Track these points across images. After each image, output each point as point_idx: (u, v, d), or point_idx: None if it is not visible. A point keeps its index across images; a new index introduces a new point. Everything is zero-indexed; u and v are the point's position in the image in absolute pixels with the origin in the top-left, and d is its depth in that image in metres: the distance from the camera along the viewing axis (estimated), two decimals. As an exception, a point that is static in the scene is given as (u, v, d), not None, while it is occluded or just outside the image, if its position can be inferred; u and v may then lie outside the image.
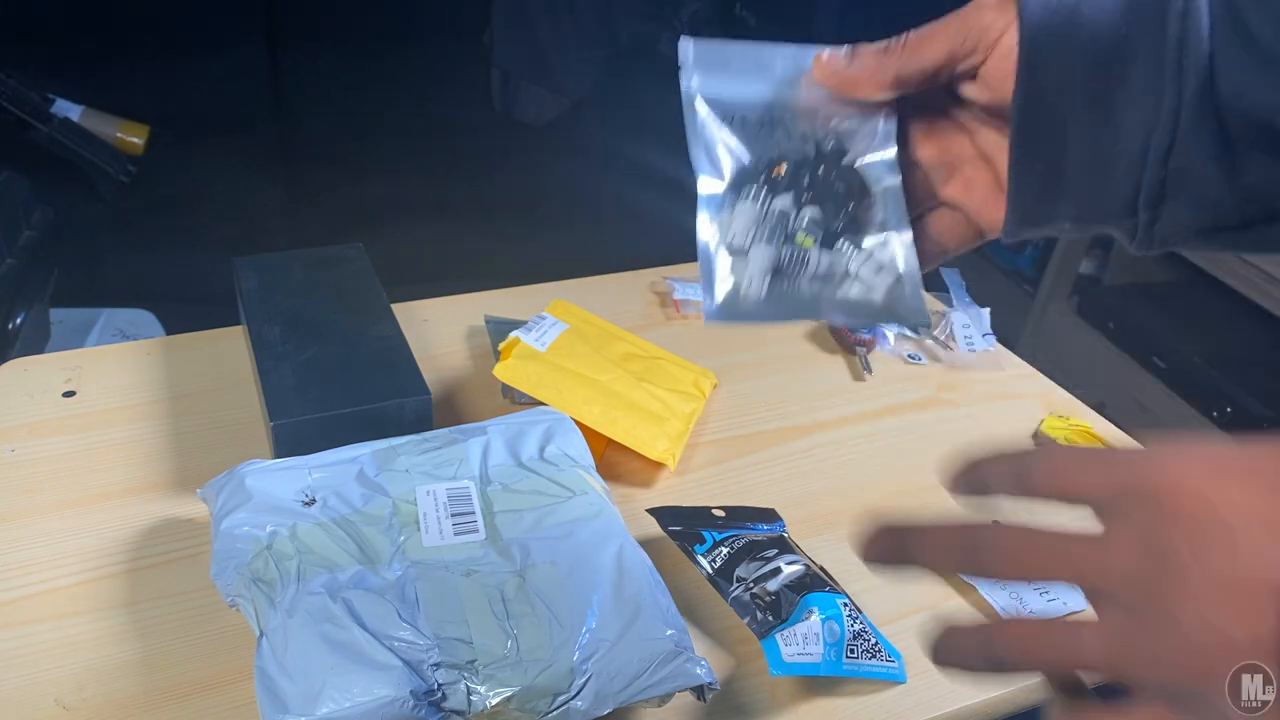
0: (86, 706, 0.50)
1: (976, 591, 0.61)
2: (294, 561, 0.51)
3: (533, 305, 0.85)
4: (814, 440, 0.75)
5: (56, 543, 0.60)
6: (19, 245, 1.31)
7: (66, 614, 0.56)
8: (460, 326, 0.85)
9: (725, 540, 0.60)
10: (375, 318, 0.72)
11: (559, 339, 0.74)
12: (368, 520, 0.54)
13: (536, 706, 0.48)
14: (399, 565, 0.52)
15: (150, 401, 0.73)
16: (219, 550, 0.53)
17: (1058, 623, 0.30)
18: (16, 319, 1.26)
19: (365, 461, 0.58)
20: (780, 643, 0.53)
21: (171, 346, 0.80)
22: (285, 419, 0.62)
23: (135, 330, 1.58)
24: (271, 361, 0.66)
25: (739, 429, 0.76)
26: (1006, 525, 0.33)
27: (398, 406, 0.64)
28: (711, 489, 0.69)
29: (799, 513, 0.67)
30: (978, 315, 0.89)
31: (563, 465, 0.60)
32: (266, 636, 0.48)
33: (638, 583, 0.52)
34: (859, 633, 0.55)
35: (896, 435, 0.76)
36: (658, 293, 0.93)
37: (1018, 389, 0.83)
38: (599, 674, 0.48)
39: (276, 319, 0.71)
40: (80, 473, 0.66)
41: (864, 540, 0.35)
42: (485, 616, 0.50)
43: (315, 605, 0.49)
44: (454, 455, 0.59)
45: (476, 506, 0.56)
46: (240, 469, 0.57)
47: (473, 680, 0.47)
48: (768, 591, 0.56)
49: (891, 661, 0.55)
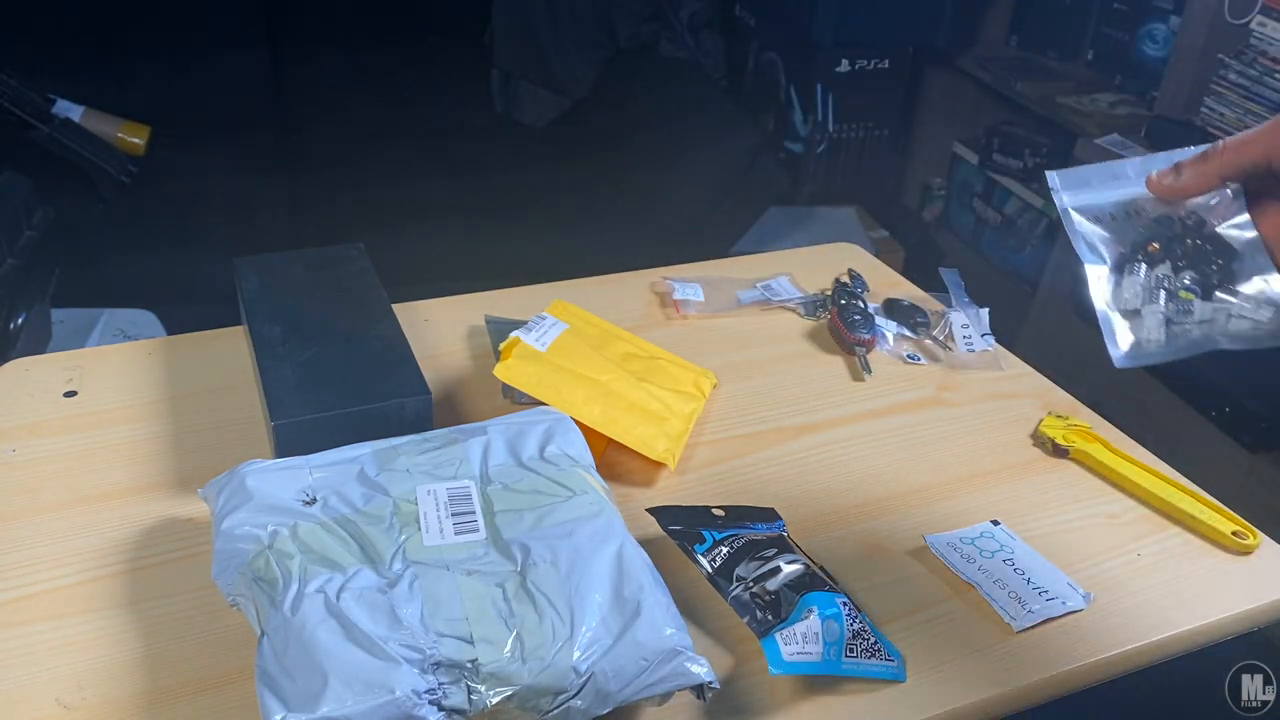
0: (87, 706, 0.50)
1: (977, 591, 0.61)
2: (295, 561, 0.51)
3: (533, 305, 0.86)
4: (814, 440, 0.75)
5: (57, 542, 0.60)
6: (20, 245, 1.31)
7: (67, 613, 0.56)
8: (460, 326, 0.85)
9: (725, 540, 0.61)
10: (376, 318, 0.72)
11: (559, 339, 0.74)
12: (368, 520, 0.54)
13: (537, 705, 0.48)
14: (400, 565, 0.52)
15: (151, 401, 0.73)
16: (220, 550, 0.54)
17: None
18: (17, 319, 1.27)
19: (366, 461, 0.58)
20: (780, 642, 0.53)
21: (172, 346, 0.80)
22: (286, 419, 0.62)
23: (136, 330, 1.58)
24: (272, 361, 0.67)
25: (739, 429, 0.76)
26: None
27: (398, 406, 0.65)
28: (711, 489, 0.69)
29: (799, 513, 0.67)
30: (977, 315, 0.89)
31: (563, 465, 0.60)
32: (267, 636, 0.48)
33: (638, 582, 0.52)
34: (858, 632, 0.55)
35: (896, 435, 0.76)
36: (658, 293, 0.93)
37: (1016, 389, 0.83)
38: (599, 673, 0.48)
39: (277, 319, 0.71)
40: (81, 473, 0.66)
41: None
42: (486, 616, 0.50)
43: (316, 605, 0.49)
44: (454, 455, 0.59)
45: (477, 506, 0.56)
46: (241, 469, 0.57)
47: (473, 679, 0.47)
48: (767, 591, 0.56)
49: (891, 661, 0.55)
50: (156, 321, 1.62)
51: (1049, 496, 0.71)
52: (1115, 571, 0.64)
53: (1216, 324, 0.49)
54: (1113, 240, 0.51)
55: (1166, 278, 0.50)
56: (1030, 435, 0.77)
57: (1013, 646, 0.58)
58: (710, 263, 0.99)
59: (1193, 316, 0.49)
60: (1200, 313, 0.49)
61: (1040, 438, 0.76)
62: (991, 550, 0.64)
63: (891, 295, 0.93)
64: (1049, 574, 0.63)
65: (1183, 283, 0.49)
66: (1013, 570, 0.63)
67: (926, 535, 0.65)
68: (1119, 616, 0.61)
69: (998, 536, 0.66)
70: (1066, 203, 0.52)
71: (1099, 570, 0.64)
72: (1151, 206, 0.51)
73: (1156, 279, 0.50)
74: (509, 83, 2.54)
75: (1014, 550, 0.65)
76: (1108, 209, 0.52)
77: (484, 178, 2.26)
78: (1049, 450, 0.75)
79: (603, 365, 0.74)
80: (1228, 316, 0.49)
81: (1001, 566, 0.63)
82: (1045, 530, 0.67)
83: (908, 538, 0.66)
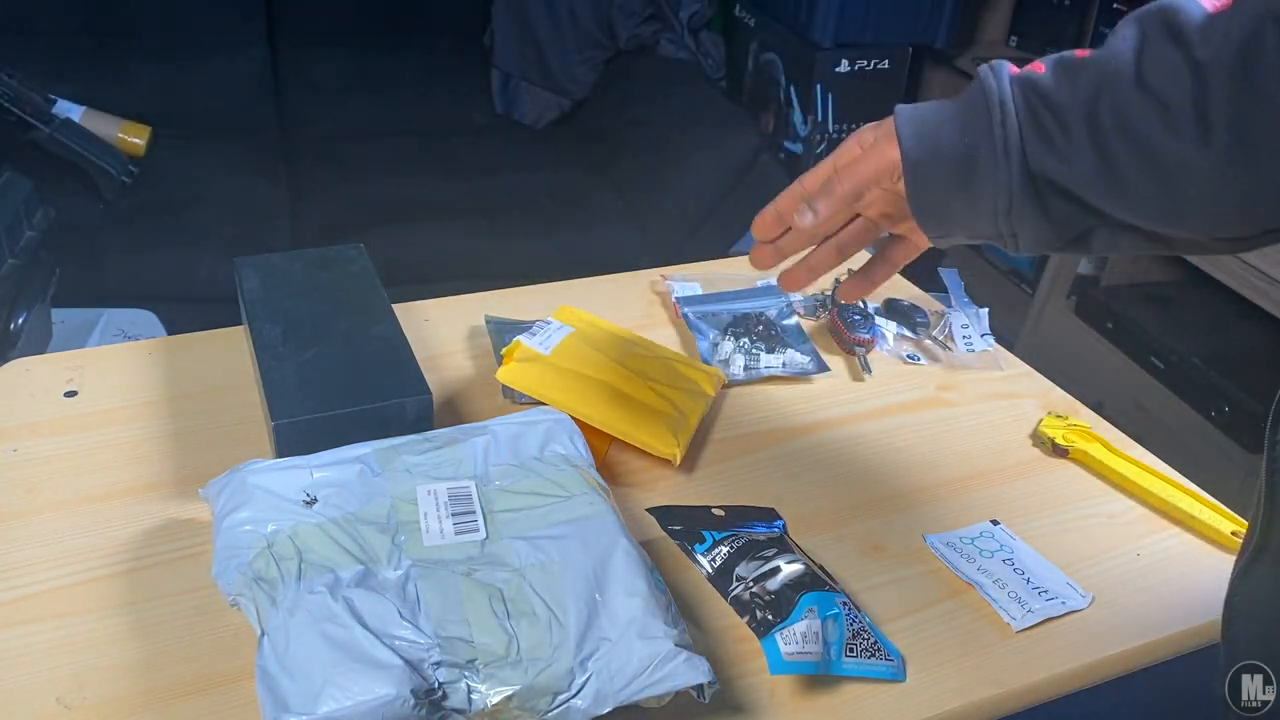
0: (88, 705, 0.51)
1: (977, 591, 0.61)
2: (295, 561, 0.51)
3: (533, 305, 0.86)
4: (814, 440, 0.75)
5: (58, 542, 0.60)
6: (21, 245, 1.31)
7: (68, 613, 0.56)
8: (461, 326, 0.85)
9: (725, 539, 0.61)
10: (376, 318, 0.72)
11: (563, 342, 0.74)
12: (369, 519, 0.54)
13: (537, 705, 0.48)
14: (400, 564, 0.52)
15: (151, 401, 0.73)
16: (220, 549, 0.54)
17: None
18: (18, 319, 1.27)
19: (366, 461, 0.58)
20: (780, 641, 0.53)
21: (173, 346, 0.80)
22: (287, 418, 0.62)
23: (136, 330, 1.58)
24: (273, 361, 0.67)
25: (739, 429, 0.76)
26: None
27: (399, 406, 0.65)
28: (711, 489, 0.69)
29: (799, 512, 0.67)
30: (976, 315, 0.89)
31: (563, 465, 0.60)
32: (268, 635, 0.49)
33: (638, 582, 0.52)
34: (858, 632, 0.55)
35: (896, 435, 0.76)
36: (658, 293, 0.94)
37: (1016, 389, 0.83)
38: (599, 673, 0.48)
39: (278, 319, 0.71)
40: (81, 472, 0.66)
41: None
42: (486, 615, 0.50)
43: (316, 604, 0.49)
44: (455, 455, 0.59)
45: (477, 506, 0.56)
46: (242, 468, 0.57)
47: (473, 679, 0.47)
48: (767, 590, 0.56)
49: (891, 661, 0.55)
50: (156, 321, 1.62)
51: (1049, 496, 0.71)
52: (1115, 571, 0.64)
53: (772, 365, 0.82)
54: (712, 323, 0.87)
55: (744, 342, 0.84)
56: (1030, 435, 0.77)
57: (1013, 646, 0.58)
58: (710, 263, 0.99)
59: (759, 360, 0.82)
60: (763, 360, 0.82)
61: (1040, 438, 0.76)
62: (991, 550, 0.64)
63: (891, 295, 0.93)
64: (1049, 574, 0.63)
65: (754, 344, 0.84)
66: (1013, 570, 0.63)
67: (926, 535, 0.65)
68: (1119, 616, 0.61)
69: (998, 536, 0.66)
70: (686, 310, 0.88)
71: (1099, 570, 0.64)
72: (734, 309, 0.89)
73: (737, 344, 0.84)
74: (509, 83, 2.54)
75: (1014, 550, 0.65)
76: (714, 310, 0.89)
77: (484, 178, 2.26)
78: (1049, 450, 0.75)
79: (606, 366, 0.74)
80: (781, 363, 0.82)
81: (1001, 566, 0.63)
82: (1045, 530, 0.68)
83: (908, 538, 0.66)
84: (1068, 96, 0.52)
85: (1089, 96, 0.51)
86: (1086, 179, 0.52)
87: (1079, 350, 1.93)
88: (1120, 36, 0.51)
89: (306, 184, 2.19)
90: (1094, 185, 0.52)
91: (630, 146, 2.31)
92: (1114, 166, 0.50)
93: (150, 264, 1.89)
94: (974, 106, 0.54)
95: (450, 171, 2.28)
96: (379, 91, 2.47)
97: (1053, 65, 0.53)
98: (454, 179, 2.25)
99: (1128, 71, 0.50)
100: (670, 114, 2.30)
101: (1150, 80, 0.49)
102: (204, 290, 1.82)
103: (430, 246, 2.02)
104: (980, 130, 0.53)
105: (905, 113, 0.56)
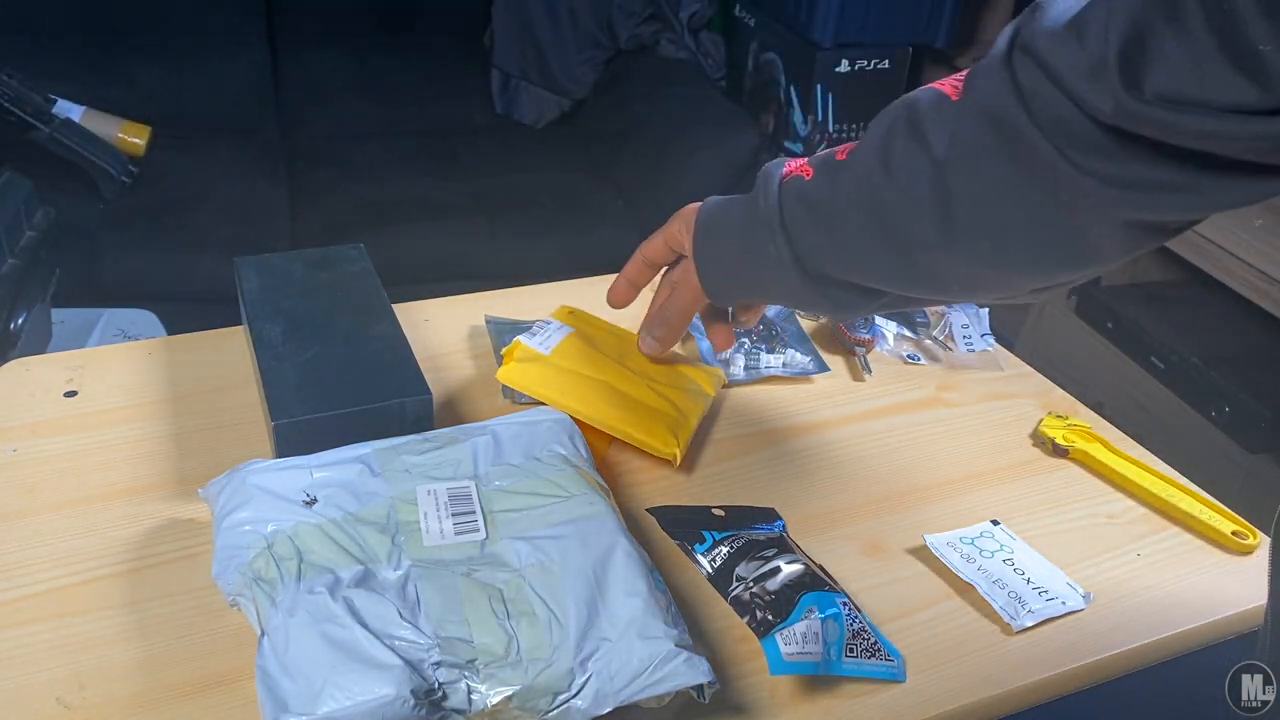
0: (87, 705, 0.51)
1: (976, 591, 0.61)
2: (295, 561, 0.51)
3: (533, 305, 0.86)
4: (814, 440, 0.75)
5: (57, 542, 0.60)
6: (20, 245, 1.31)
7: (68, 613, 0.56)
8: (461, 327, 0.85)
9: (725, 540, 0.61)
10: (376, 318, 0.72)
11: (562, 342, 0.74)
12: (369, 520, 0.54)
13: (537, 705, 0.48)
14: (400, 564, 0.52)
15: (151, 401, 0.73)
16: (220, 549, 0.54)
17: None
18: (18, 319, 1.27)
19: (366, 461, 0.58)
20: (780, 642, 0.53)
21: (173, 346, 0.80)
22: (287, 418, 0.62)
23: (136, 330, 1.58)
24: (273, 361, 0.67)
25: (739, 429, 0.76)
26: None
27: (399, 406, 0.65)
28: (712, 489, 0.69)
29: (799, 513, 0.67)
30: (976, 315, 0.89)
31: (563, 465, 0.60)
32: (268, 636, 0.49)
33: (637, 582, 0.52)
34: (858, 632, 0.55)
35: (896, 435, 0.76)
36: (658, 293, 0.93)
37: (1016, 389, 0.83)
38: (599, 673, 0.48)
39: (278, 319, 0.71)
40: (81, 473, 0.66)
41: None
42: (485, 616, 0.50)
43: (316, 604, 0.49)
44: (455, 455, 0.59)
45: (477, 506, 0.56)
46: (242, 468, 0.57)
47: (473, 679, 0.47)
48: (767, 591, 0.56)
49: (891, 661, 0.55)
50: (156, 321, 1.62)
51: (1049, 496, 0.71)
52: (1115, 571, 0.65)
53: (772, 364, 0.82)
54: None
55: (744, 342, 0.83)
56: (1030, 435, 0.77)
57: (1013, 646, 0.58)
58: (710, 263, 0.99)
59: (760, 360, 0.82)
60: (763, 360, 0.82)
61: (1040, 438, 0.76)
62: (991, 550, 0.64)
63: (891, 295, 0.93)
64: (1049, 574, 0.63)
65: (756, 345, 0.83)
66: (1012, 570, 0.63)
67: (926, 535, 0.65)
68: (1119, 616, 0.61)
69: (997, 536, 0.66)
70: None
71: (1099, 570, 0.64)
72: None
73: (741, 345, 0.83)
74: (509, 83, 2.54)
75: (1014, 550, 0.65)
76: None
77: (484, 178, 2.26)
78: (1049, 450, 0.75)
79: (606, 366, 0.74)
80: (782, 363, 0.82)
81: (1001, 566, 0.63)
82: (1045, 530, 0.68)
83: (908, 538, 0.66)
84: (831, 197, 0.57)
85: (852, 198, 0.55)
86: (861, 271, 0.58)
87: (1079, 350, 1.93)
88: (871, 133, 0.56)
89: (306, 184, 2.19)
90: (870, 275, 0.58)
91: (630, 146, 2.31)
92: (883, 258, 0.55)
93: (150, 264, 1.89)
94: (754, 224, 0.61)
95: (450, 171, 2.28)
96: (379, 91, 2.47)
97: (818, 167, 0.58)
98: (454, 179, 2.25)
99: (879, 170, 0.54)
100: (670, 114, 2.30)
101: (898, 177, 0.53)
102: (204, 290, 1.81)
103: (430, 246, 2.02)
104: (760, 246, 0.60)
105: (700, 229, 0.66)
